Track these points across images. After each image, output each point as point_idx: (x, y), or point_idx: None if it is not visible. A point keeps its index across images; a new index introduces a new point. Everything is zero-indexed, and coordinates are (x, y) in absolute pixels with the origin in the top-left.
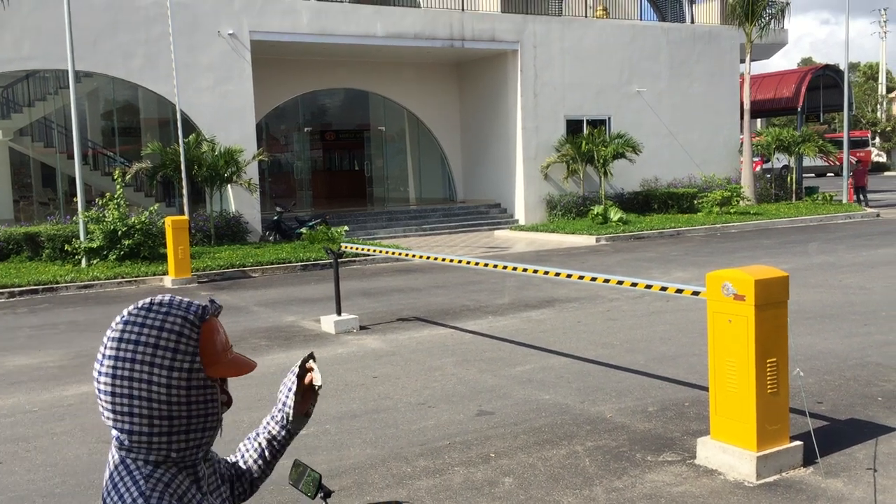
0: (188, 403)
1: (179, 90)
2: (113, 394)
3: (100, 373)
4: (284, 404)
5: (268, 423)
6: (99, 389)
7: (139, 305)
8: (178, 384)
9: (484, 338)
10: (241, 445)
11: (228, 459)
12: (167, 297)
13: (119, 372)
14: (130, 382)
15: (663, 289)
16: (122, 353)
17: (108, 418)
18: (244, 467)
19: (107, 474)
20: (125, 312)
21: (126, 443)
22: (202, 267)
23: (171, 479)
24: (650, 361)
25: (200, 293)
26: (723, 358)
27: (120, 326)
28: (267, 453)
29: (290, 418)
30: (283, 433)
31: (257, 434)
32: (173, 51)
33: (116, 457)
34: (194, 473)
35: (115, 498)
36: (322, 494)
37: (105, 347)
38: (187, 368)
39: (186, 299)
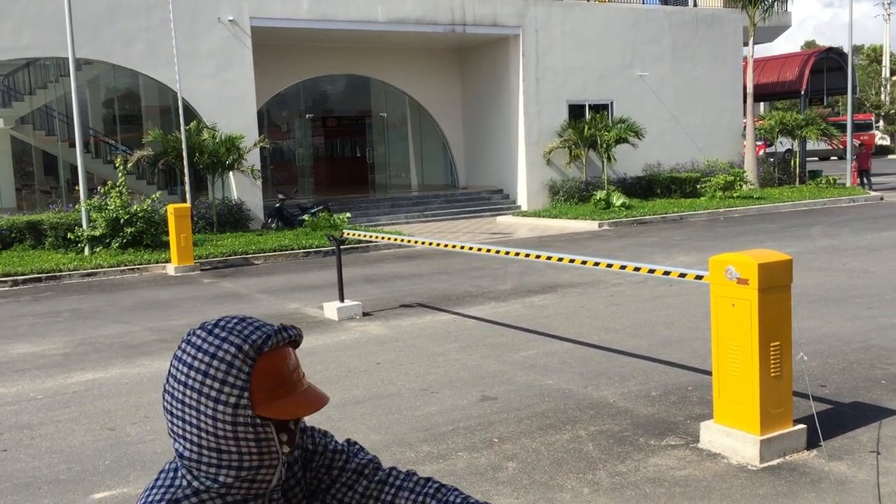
0: (236, 439)
1: (180, 77)
2: (171, 413)
3: (165, 390)
4: None
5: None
6: (165, 407)
7: (205, 325)
8: (224, 418)
9: (487, 323)
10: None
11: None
12: (235, 319)
13: (175, 393)
14: (182, 406)
15: (666, 273)
16: (178, 375)
17: (169, 434)
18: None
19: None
20: (191, 331)
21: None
22: (205, 254)
23: None
24: (653, 346)
25: (203, 280)
26: (726, 342)
27: (182, 346)
28: None
29: None
30: None
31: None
32: (175, 37)
33: (170, 474)
34: None
35: (143, 493)
36: None
37: (171, 365)
38: (233, 403)
39: (257, 323)
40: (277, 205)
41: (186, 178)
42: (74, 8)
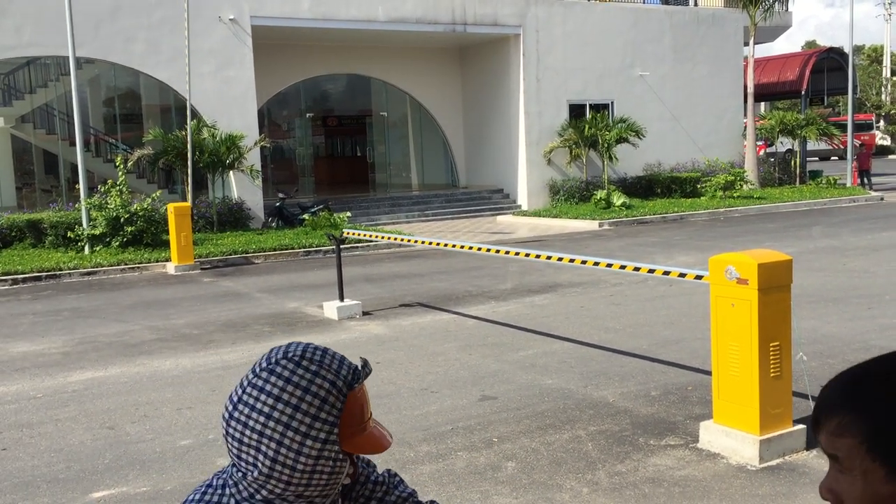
0: (312, 472)
1: (179, 76)
2: (241, 442)
3: (231, 416)
4: None
5: None
6: (228, 432)
7: (289, 355)
8: (310, 452)
9: (486, 323)
10: None
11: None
12: (320, 351)
13: (252, 423)
14: (260, 437)
15: (666, 273)
16: (259, 405)
17: (232, 459)
18: None
19: (210, 483)
20: (273, 359)
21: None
22: (205, 253)
23: None
24: (653, 346)
25: (203, 280)
26: (726, 342)
27: (264, 375)
28: None
29: None
30: None
31: None
32: (188, 38)
33: (223, 479)
34: None
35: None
36: None
37: (243, 391)
38: (323, 439)
39: (339, 355)
40: (278, 204)
41: (189, 177)
42: (75, 6)
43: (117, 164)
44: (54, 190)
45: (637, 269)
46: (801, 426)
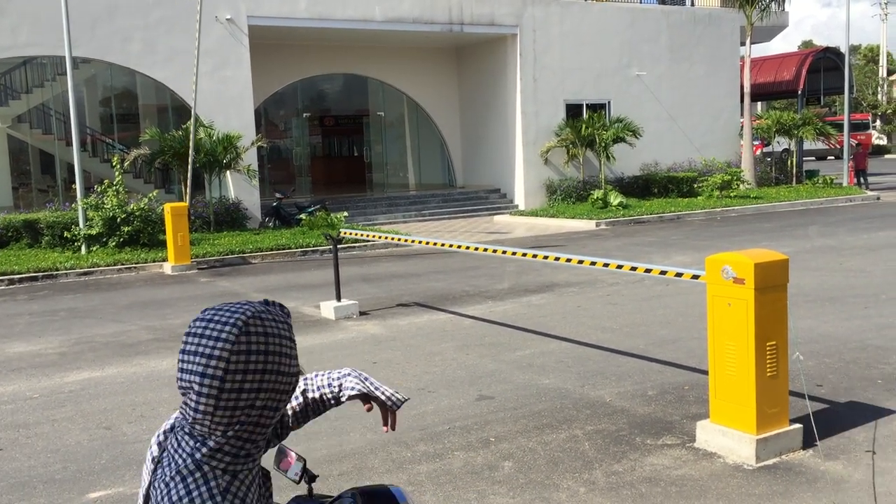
0: (277, 409)
1: (176, 76)
2: (236, 408)
3: (223, 390)
4: (346, 388)
5: (321, 386)
6: (219, 406)
7: (249, 314)
8: (287, 389)
9: (484, 323)
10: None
11: None
12: (251, 302)
13: (248, 385)
14: (258, 394)
15: (663, 273)
16: (252, 366)
17: (214, 431)
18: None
19: (170, 476)
20: (240, 324)
21: (209, 455)
22: (202, 253)
23: (245, 493)
24: (650, 345)
25: (200, 280)
26: (722, 341)
27: (244, 339)
28: (310, 410)
29: (342, 400)
30: (331, 403)
31: (305, 389)
32: (198, 38)
33: (191, 464)
34: (259, 483)
35: (187, 501)
36: (307, 479)
37: (227, 362)
38: (294, 373)
39: (263, 302)
40: (275, 204)
41: (188, 177)
42: (72, 6)
43: (114, 163)
44: (51, 190)
45: (634, 268)
46: (798, 425)
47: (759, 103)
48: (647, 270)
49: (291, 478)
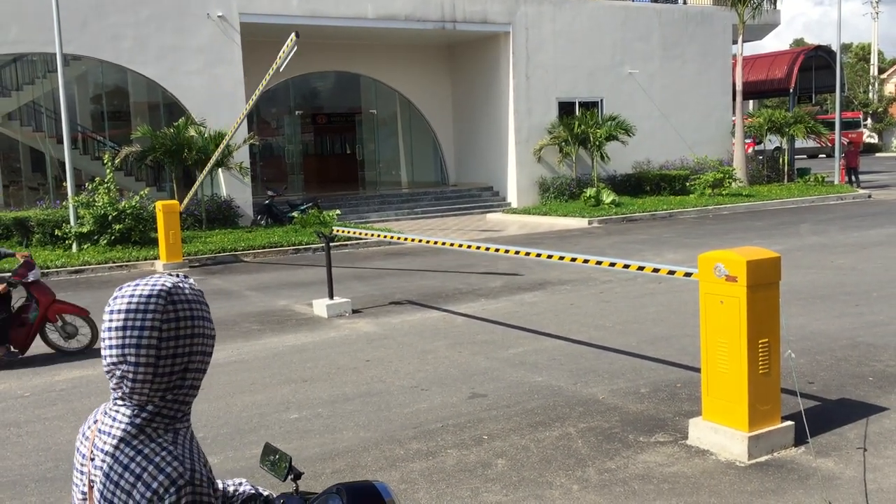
0: (203, 369)
1: (167, 73)
2: (172, 373)
3: (160, 357)
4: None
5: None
6: (156, 373)
7: (167, 284)
8: (208, 350)
9: (476, 321)
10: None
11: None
12: (163, 274)
13: (181, 350)
14: (191, 357)
15: (656, 270)
16: (182, 331)
17: (152, 398)
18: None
19: (119, 447)
20: (164, 294)
21: (147, 420)
22: (194, 251)
23: (190, 441)
24: (642, 343)
25: (192, 278)
26: (715, 339)
27: (171, 308)
28: None
29: None
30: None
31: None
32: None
33: (132, 429)
34: (194, 435)
35: (145, 464)
36: (292, 476)
37: (160, 331)
38: (213, 335)
39: (166, 275)
40: (267, 202)
41: (198, 179)
42: (62, 3)
43: (105, 161)
44: (41, 188)
45: (626, 266)
46: (790, 423)
47: (751, 101)
48: (640, 268)
49: (277, 475)
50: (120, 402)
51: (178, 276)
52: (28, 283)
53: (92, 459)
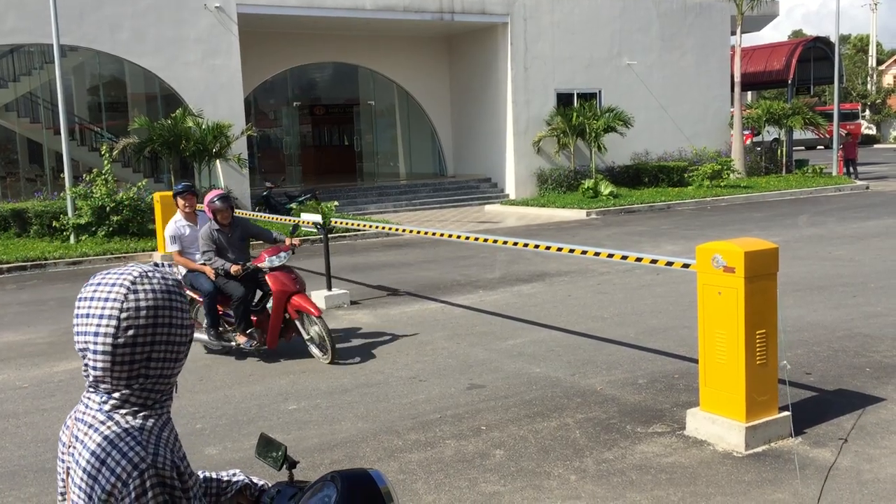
0: (176, 360)
1: (165, 64)
2: (132, 362)
3: (117, 346)
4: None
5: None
6: (115, 361)
7: (134, 274)
8: (181, 340)
9: (475, 312)
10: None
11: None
12: (139, 265)
13: (141, 339)
14: (153, 347)
15: (654, 262)
16: (142, 321)
17: (117, 386)
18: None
19: (88, 433)
20: (127, 283)
21: (116, 407)
22: None
23: (161, 429)
24: (640, 334)
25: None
26: (712, 330)
27: (132, 297)
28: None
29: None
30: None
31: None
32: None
33: (101, 415)
34: (171, 427)
35: (109, 449)
36: (288, 465)
37: (119, 320)
38: (187, 325)
39: (143, 265)
40: (265, 193)
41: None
42: None
43: (102, 152)
44: (39, 179)
45: (624, 257)
46: (787, 413)
47: (750, 93)
48: (638, 259)
49: (272, 464)
50: (91, 389)
51: (157, 265)
52: (269, 268)
53: (71, 447)
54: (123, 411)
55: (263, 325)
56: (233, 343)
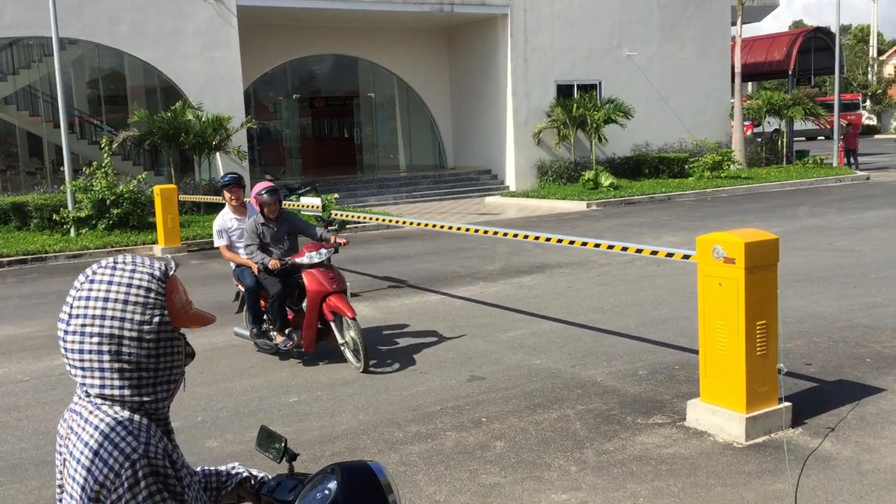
0: (157, 356)
1: (164, 57)
2: (81, 351)
3: (66, 332)
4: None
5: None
6: (66, 348)
7: (104, 265)
8: (149, 337)
9: (475, 304)
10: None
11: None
12: (129, 257)
13: (88, 329)
14: (101, 338)
15: (654, 253)
16: (90, 311)
17: (76, 375)
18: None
19: (81, 424)
20: (90, 272)
21: (99, 397)
22: (192, 235)
23: (148, 425)
24: (641, 325)
25: (191, 262)
26: (713, 321)
27: (87, 286)
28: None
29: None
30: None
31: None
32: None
33: (89, 406)
34: (165, 427)
35: (101, 439)
36: (288, 458)
37: (71, 307)
38: (157, 321)
39: (146, 258)
40: None
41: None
42: None
43: (102, 145)
44: (39, 172)
45: (625, 249)
46: (787, 404)
47: (750, 83)
48: (638, 251)
49: (273, 457)
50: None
51: (157, 258)
52: (309, 265)
53: (67, 438)
54: (106, 406)
55: (301, 325)
56: (274, 342)
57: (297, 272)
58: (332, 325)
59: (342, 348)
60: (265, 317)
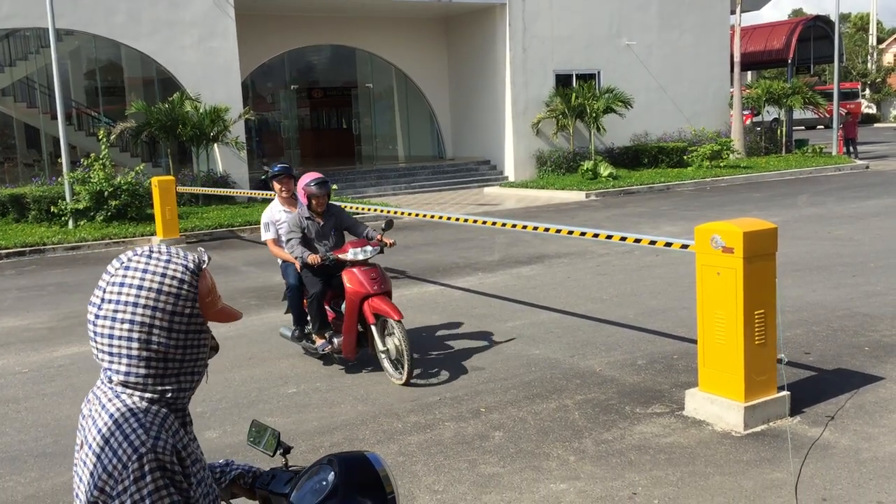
0: (184, 347)
1: (162, 48)
2: (111, 336)
3: (97, 316)
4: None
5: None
6: (96, 332)
7: (139, 253)
8: (179, 328)
9: (474, 294)
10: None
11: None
12: (164, 247)
13: (120, 315)
14: (131, 325)
15: (653, 243)
16: (123, 297)
17: (103, 360)
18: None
19: (98, 410)
20: (125, 258)
21: (121, 384)
22: (190, 227)
23: (164, 416)
24: (639, 315)
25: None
26: (711, 310)
27: (121, 272)
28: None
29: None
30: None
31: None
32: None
33: (109, 393)
34: (182, 418)
35: (114, 428)
36: (282, 451)
37: (104, 291)
38: (188, 314)
39: (181, 249)
40: (263, 177)
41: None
42: None
43: (100, 137)
44: (36, 164)
45: (624, 239)
46: (785, 393)
47: (749, 72)
48: (637, 241)
49: (265, 451)
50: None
51: (189, 250)
52: (353, 261)
53: (88, 419)
54: (130, 391)
55: (340, 328)
56: (314, 345)
57: (341, 271)
58: (374, 329)
59: (381, 356)
60: (308, 318)
